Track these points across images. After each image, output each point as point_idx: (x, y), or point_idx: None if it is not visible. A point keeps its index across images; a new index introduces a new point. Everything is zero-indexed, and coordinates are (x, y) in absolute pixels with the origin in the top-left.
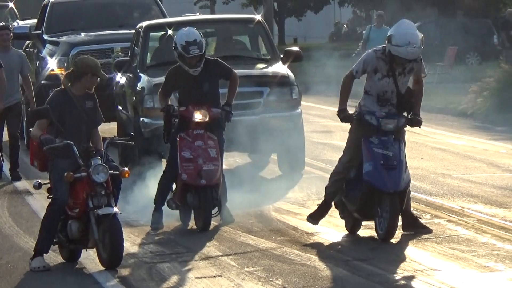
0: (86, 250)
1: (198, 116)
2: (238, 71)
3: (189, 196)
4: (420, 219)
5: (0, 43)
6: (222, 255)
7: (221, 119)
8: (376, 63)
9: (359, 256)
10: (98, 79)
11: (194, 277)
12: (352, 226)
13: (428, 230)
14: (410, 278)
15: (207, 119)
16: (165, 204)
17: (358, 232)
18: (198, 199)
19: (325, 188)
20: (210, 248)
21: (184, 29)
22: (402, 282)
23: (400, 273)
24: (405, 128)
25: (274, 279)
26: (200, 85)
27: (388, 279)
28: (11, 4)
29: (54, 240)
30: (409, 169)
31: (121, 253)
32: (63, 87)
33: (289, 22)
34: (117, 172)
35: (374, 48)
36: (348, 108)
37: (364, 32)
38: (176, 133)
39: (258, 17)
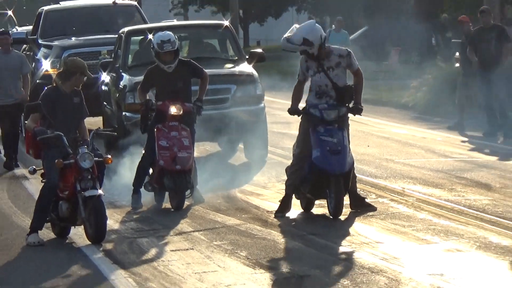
0: (74, 227)
1: (173, 110)
2: (208, 70)
3: (165, 180)
4: (365, 199)
5: (2, 46)
6: (193, 231)
7: (193, 113)
8: (306, 63)
9: (313, 231)
10: (85, 78)
11: (169, 250)
12: (306, 205)
13: (372, 208)
14: (357, 249)
15: (181, 112)
16: (143, 187)
17: (312, 210)
18: (173, 183)
19: (285, 183)
20: (183, 225)
21: (161, 32)
22: (350, 253)
23: (348, 246)
24: (349, 117)
25: (239, 251)
26: (175, 82)
27: (338, 251)
28: (9, 12)
29: (47, 219)
30: (356, 155)
31: (104, 229)
32: (54, 84)
33: (253, 26)
34: (101, 159)
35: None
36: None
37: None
38: (153, 124)
39: (226, 22)
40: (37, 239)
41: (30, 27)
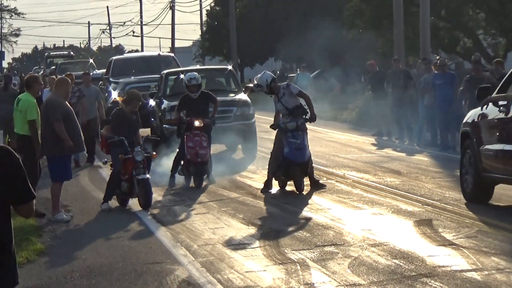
0: (132, 199)
1: (197, 123)
2: (218, 98)
3: (191, 168)
4: (319, 181)
5: (85, 82)
6: (208, 201)
7: (210, 125)
8: (274, 99)
9: (285, 201)
10: (140, 102)
11: (193, 214)
12: (282, 184)
13: (323, 186)
14: (315, 213)
15: (202, 125)
16: (177, 172)
17: (286, 188)
18: (195, 170)
19: (267, 169)
20: (202, 197)
21: (189, 73)
22: (309, 215)
23: (308, 211)
24: (307, 125)
25: (238, 214)
26: (198, 105)
27: (302, 214)
28: (91, 60)
29: (114, 194)
30: (314, 152)
31: (151, 200)
32: (120, 107)
33: (246, 69)
34: (149, 155)
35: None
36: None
37: (292, 75)
38: (184, 133)
39: (229, 67)
40: (108, 206)
41: (104, 70)
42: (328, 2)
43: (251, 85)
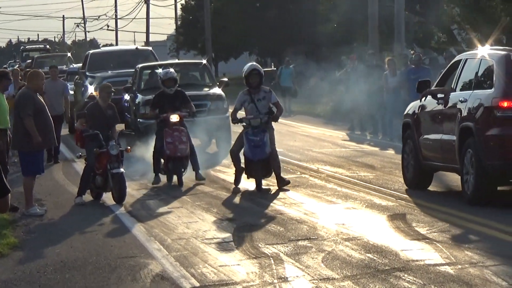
0: (105, 193)
1: (174, 118)
2: (193, 92)
3: (170, 164)
4: (284, 178)
5: (52, 76)
6: (182, 195)
7: (190, 117)
8: (243, 98)
9: (259, 195)
10: (108, 94)
11: (167, 208)
12: (257, 184)
13: (287, 182)
14: (288, 207)
15: (179, 120)
16: (160, 172)
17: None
18: (173, 165)
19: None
20: (176, 192)
21: (165, 69)
22: (283, 209)
23: (281, 205)
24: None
25: (212, 208)
26: (174, 102)
27: (273, 207)
28: (69, 54)
29: (88, 188)
30: (288, 147)
31: (124, 194)
32: (96, 101)
33: (221, 64)
34: (123, 149)
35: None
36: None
37: (268, 69)
38: (160, 128)
39: (204, 61)
40: (81, 200)
41: (80, 64)
42: None
43: (225, 79)
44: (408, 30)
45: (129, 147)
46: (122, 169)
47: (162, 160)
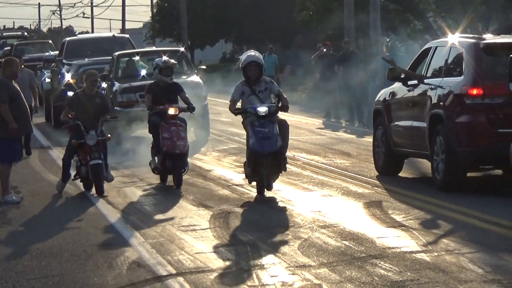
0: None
1: (171, 111)
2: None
3: (167, 162)
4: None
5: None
6: (159, 183)
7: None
8: (242, 88)
9: (235, 182)
10: (94, 81)
11: (143, 195)
12: (260, 189)
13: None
14: (265, 195)
15: (177, 113)
16: (152, 171)
17: (231, 171)
18: (172, 163)
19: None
20: (152, 179)
21: (162, 57)
22: (260, 197)
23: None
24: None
25: (188, 196)
26: (169, 94)
27: (250, 194)
28: (50, 41)
29: (76, 177)
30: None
31: (102, 186)
32: (82, 90)
33: (197, 51)
34: (104, 138)
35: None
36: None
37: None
38: (153, 124)
39: (182, 49)
40: (62, 186)
41: (57, 52)
42: None
43: (203, 66)
44: (384, 18)
45: (109, 135)
46: (99, 160)
47: (156, 159)
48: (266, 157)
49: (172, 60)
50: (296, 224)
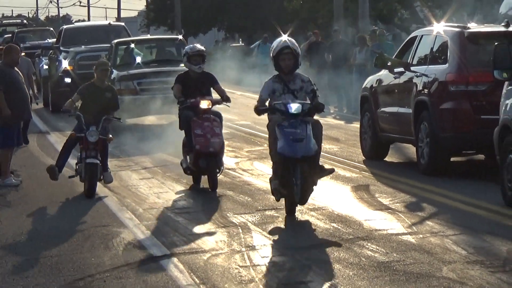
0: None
1: (204, 105)
2: (169, 68)
3: (200, 161)
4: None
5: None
6: (153, 167)
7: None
8: (273, 86)
9: (227, 167)
10: (106, 71)
11: (138, 179)
12: (291, 206)
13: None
14: (255, 178)
15: (211, 106)
16: (184, 171)
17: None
18: (206, 163)
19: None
20: (147, 163)
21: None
22: (251, 180)
23: (249, 176)
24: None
25: (181, 179)
26: (200, 86)
27: (241, 178)
28: (51, 28)
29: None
30: (251, 120)
31: (94, 189)
32: (92, 80)
33: (190, 39)
34: (105, 137)
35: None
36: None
37: (235, 45)
38: (187, 118)
39: (180, 37)
40: (57, 173)
41: (54, 39)
42: None
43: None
44: (372, 7)
45: (111, 136)
46: (97, 160)
47: (188, 158)
48: (300, 163)
49: (201, 47)
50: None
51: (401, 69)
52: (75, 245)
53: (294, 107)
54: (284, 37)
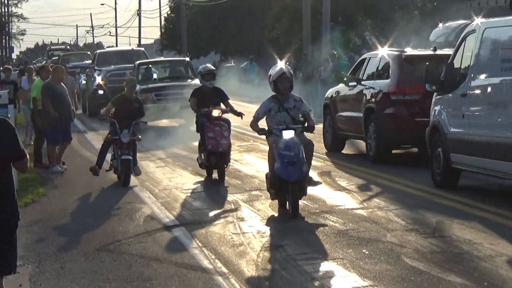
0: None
1: (215, 113)
2: (179, 82)
3: (211, 158)
4: (311, 178)
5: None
6: (166, 157)
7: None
8: (269, 105)
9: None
10: (132, 86)
11: (154, 167)
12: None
13: (319, 183)
14: (244, 166)
15: (221, 115)
16: (199, 166)
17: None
18: (216, 160)
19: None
20: (161, 155)
21: (202, 65)
22: (240, 167)
23: (239, 164)
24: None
25: (188, 167)
26: (212, 98)
27: (233, 166)
28: (88, 52)
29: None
30: (240, 121)
31: (129, 180)
32: (124, 93)
33: (194, 61)
34: (135, 138)
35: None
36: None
37: (229, 65)
38: (202, 124)
39: (187, 59)
40: (96, 170)
41: (91, 61)
42: (256, 9)
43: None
44: (333, 35)
45: (140, 137)
46: (129, 156)
47: (203, 155)
48: (292, 184)
49: (212, 67)
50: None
51: (354, 83)
52: (107, 218)
53: (288, 136)
54: (281, 64)
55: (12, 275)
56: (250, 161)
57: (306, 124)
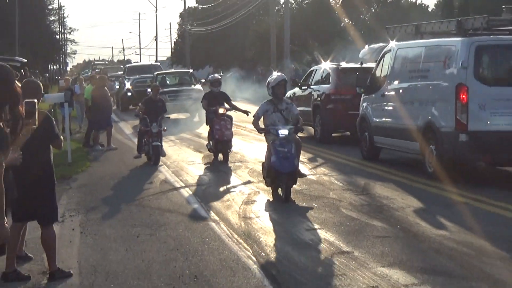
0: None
1: (221, 111)
2: (185, 87)
3: (218, 145)
4: (300, 170)
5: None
6: (175, 139)
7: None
8: (266, 107)
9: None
10: (157, 90)
11: (167, 146)
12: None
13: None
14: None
15: (225, 111)
16: (208, 150)
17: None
18: (222, 146)
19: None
20: (171, 137)
21: (211, 75)
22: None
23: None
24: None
25: (190, 146)
26: (219, 100)
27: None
28: (121, 66)
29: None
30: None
31: (158, 160)
32: (150, 95)
33: (195, 72)
34: (161, 129)
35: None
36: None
37: (220, 75)
38: (211, 119)
39: (191, 70)
40: (137, 155)
41: (122, 72)
42: (238, 36)
43: (202, 80)
44: (291, 54)
45: (165, 128)
46: (159, 143)
47: (211, 142)
48: (285, 175)
49: (219, 76)
50: (245, 160)
51: (306, 87)
52: (131, 182)
53: (283, 133)
54: (277, 73)
55: (66, 222)
56: (235, 143)
57: (297, 125)
